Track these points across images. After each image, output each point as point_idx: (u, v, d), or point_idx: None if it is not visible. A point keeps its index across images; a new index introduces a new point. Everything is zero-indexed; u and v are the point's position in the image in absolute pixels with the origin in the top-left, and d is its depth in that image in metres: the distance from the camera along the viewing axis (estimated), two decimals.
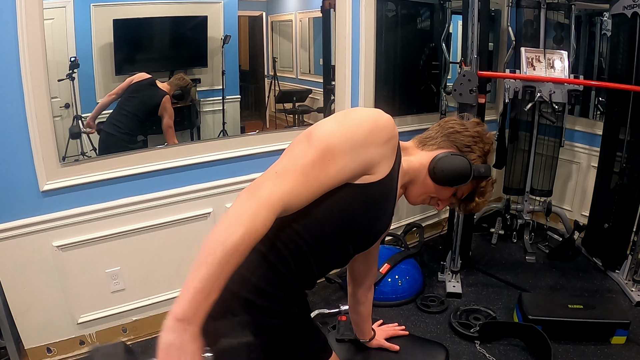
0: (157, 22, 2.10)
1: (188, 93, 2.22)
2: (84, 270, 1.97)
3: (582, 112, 3.13)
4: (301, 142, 0.87)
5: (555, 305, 2.17)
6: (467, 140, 1.07)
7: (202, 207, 2.18)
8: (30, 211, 1.79)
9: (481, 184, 1.09)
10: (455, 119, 1.11)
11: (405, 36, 2.85)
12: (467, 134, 1.07)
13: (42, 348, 1.97)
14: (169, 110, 2.15)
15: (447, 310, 2.36)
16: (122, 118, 2.04)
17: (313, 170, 0.83)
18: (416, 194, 1.09)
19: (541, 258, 2.92)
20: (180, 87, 2.17)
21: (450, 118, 1.12)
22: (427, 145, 1.08)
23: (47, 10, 1.66)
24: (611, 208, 2.63)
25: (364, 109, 0.96)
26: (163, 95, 2.13)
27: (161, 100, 2.12)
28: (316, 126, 0.89)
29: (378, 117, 0.91)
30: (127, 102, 2.04)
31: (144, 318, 2.17)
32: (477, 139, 1.08)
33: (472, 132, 1.08)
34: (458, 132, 1.07)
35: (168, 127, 2.16)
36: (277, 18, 2.46)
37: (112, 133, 2.02)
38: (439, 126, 1.10)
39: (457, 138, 1.07)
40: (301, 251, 0.91)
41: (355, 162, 0.87)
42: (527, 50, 2.62)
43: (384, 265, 2.46)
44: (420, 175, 1.05)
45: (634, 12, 2.31)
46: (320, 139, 0.84)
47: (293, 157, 0.84)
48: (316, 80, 2.63)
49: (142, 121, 2.14)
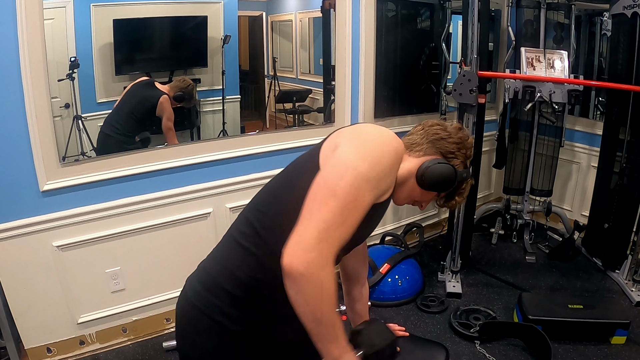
0: (157, 22, 2.10)
1: (190, 95, 2.21)
2: (84, 270, 1.97)
3: (582, 112, 3.13)
4: (331, 176, 0.90)
5: (555, 305, 2.17)
6: (452, 147, 1.10)
7: (202, 207, 2.18)
8: (30, 211, 1.79)
9: (462, 186, 1.14)
10: (438, 123, 1.14)
11: (405, 36, 2.85)
12: (451, 141, 1.11)
13: (42, 348, 1.97)
14: (167, 111, 2.14)
15: (447, 310, 2.36)
16: (120, 119, 2.04)
17: (350, 216, 0.89)
18: (402, 197, 1.13)
19: (541, 258, 2.93)
20: (181, 88, 2.16)
21: (433, 122, 1.15)
22: (413, 151, 1.11)
23: (47, 10, 1.66)
24: (611, 208, 2.62)
25: (383, 136, 1.00)
26: (160, 96, 2.12)
27: (158, 101, 2.12)
28: (343, 161, 0.91)
29: (397, 148, 1.00)
30: (125, 103, 2.04)
31: (144, 318, 2.17)
32: (460, 145, 1.11)
33: (455, 139, 1.11)
34: (443, 138, 1.10)
35: (167, 128, 2.16)
36: (277, 18, 2.46)
37: (109, 134, 2.02)
38: (423, 131, 1.13)
39: (442, 145, 1.10)
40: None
41: (376, 194, 0.95)
42: (527, 50, 2.62)
43: (384, 265, 2.46)
44: (409, 182, 1.09)
45: (634, 12, 2.31)
46: (352, 184, 0.89)
47: (329, 209, 0.87)
48: (316, 80, 2.63)
49: (140, 121, 2.13)
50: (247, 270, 1.00)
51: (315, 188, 0.90)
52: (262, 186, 1.12)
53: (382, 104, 2.70)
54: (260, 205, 1.05)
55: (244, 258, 1.01)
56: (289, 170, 1.07)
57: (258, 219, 1.01)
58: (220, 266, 1.05)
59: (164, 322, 2.23)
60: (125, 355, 2.09)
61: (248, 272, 1.00)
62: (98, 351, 2.10)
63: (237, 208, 2.25)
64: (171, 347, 2.09)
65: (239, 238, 1.03)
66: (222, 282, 1.02)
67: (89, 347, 2.08)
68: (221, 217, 2.23)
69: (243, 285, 1.00)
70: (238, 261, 1.01)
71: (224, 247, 1.09)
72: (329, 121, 2.51)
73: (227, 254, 1.06)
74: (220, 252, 1.09)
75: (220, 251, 1.09)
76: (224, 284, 1.01)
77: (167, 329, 2.24)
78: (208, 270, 1.08)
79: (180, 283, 1.14)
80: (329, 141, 1.00)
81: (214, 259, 1.09)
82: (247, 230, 1.02)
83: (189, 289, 1.09)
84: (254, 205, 1.07)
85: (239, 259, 1.01)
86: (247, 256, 1.00)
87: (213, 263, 1.08)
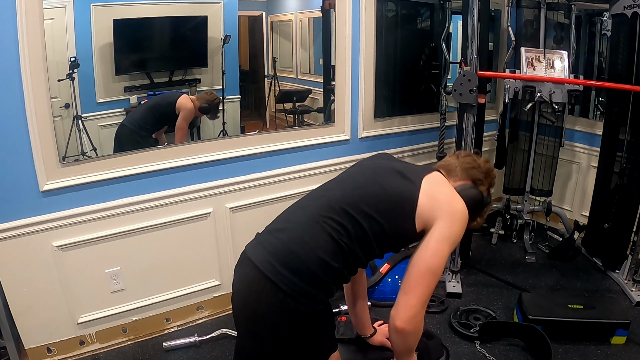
0: (157, 22, 2.10)
1: (216, 109, 2.25)
2: (84, 270, 1.97)
3: (582, 112, 3.13)
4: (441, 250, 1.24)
5: (555, 305, 2.17)
6: (480, 176, 1.39)
7: (202, 207, 2.18)
8: (30, 211, 1.79)
9: (484, 208, 1.40)
10: (469, 154, 1.44)
11: (405, 36, 2.85)
12: (481, 171, 1.40)
13: (42, 348, 1.97)
14: (185, 110, 2.16)
15: (447, 310, 2.36)
16: (139, 111, 2.09)
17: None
18: None
19: (541, 258, 2.92)
20: (208, 101, 2.22)
21: (465, 153, 1.47)
22: (450, 176, 1.39)
23: (47, 10, 1.66)
24: (611, 208, 2.62)
25: (466, 214, 1.27)
26: (182, 94, 2.18)
27: (179, 97, 2.17)
28: (440, 246, 1.22)
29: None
30: (151, 100, 2.11)
31: (144, 318, 2.17)
32: (487, 174, 1.41)
33: (483, 169, 1.41)
34: (474, 167, 1.39)
35: (180, 128, 2.17)
36: (277, 18, 2.46)
37: (126, 124, 2.06)
38: (457, 159, 1.42)
39: (473, 174, 1.38)
40: (363, 263, 1.28)
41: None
42: (527, 50, 2.62)
43: (384, 265, 2.46)
44: None
45: (634, 12, 2.31)
46: (444, 258, 1.24)
47: (428, 283, 1.23)
48: (316, 80, 2.63)
49: (157, 117, 2.15)
50: (340, 263, 1.19)
51: (418, 266, 1.21)
52: (262, 186, 1.15)
53: (382, 104, 2.70)
54: (362, 213, 1.21)
55: (337, 253, 1.18)
56: (388, 186, 1.27)
57: (359, 224, 1.20)
58: (314, 255, 1.17)
59: (164, 322, 2.23)
60: (125, 355, 2.09)
61: (340, 264, 1.19)
62: (98, 351, 2.10)
63: (237, 208, 2.25)
64: (171, 347, 2.10)
65: (334, 233, 1.18)
66: (316, 271, 1.16)
67: (89, 347, 2.08)
68: (221, 217, 2.23)
69: (335, 275, 1.20)
70: (332, 254, 1.17)
71: (313, 234, 1.19)
72: (329, 121, 2.51)
73: (320, 244, 1.18)
74: (310, 239, 1.19)
75: (310, 238, 1.19)
76: (319, 273, 1.17)
77: (167, 329, 2.24)
78: (298, 254, 1.17)
79: (180, 283, 1.15)
80: (428, 197, 1.24)
81: (302, 244, 1.19)
82: (344, 229, 1.19)
83: (263, 264, 1.17)
84: (354, 203, 1.22)
85: (333, 253, 1.17)
86: (342, 253, 1.19)
87: (303, 249, 1.18)
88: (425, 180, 1.27)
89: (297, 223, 1.24)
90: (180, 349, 2.10)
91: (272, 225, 1.31)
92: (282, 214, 1.34)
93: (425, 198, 1.23)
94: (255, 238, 1.30)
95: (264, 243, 1.23)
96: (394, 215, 1.22)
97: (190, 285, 2.24)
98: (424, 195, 1.23)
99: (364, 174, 1.34)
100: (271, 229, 1.28)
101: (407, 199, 1.23)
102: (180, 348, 2.11)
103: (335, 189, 1.30)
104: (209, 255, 2.26)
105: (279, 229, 1.26)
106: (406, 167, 1.35)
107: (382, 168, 1.35)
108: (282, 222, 1.29)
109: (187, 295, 2.24)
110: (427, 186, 1.25)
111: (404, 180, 1.28)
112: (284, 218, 1.31)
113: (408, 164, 1.43)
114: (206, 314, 2.33)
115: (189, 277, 2.23)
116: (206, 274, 2.28)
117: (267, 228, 1.30)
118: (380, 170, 1.34)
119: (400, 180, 1.28)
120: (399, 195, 1.24)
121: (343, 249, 1.18)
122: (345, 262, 1.20)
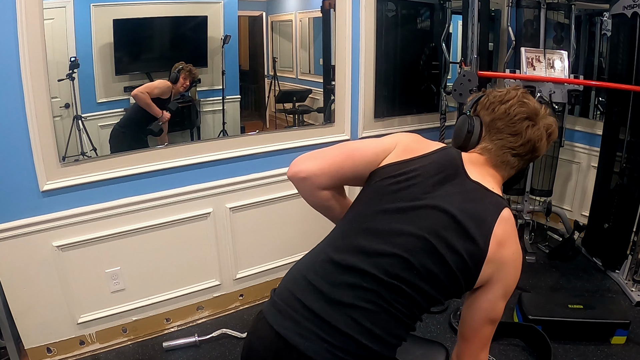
0: (157, 22, 2.10)
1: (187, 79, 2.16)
2: (84, 270, 1.97)
3: (582, 112, 3.13)
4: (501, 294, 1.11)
5: (555, 305, 2.17)
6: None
7: (202, 207, 2.18)
8: (30, 211, 1.79)
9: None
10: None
11: (405, 36, 2.85)
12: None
13: (42, 348, 1.97)
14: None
15: (447, 310, 2.36)
16: (127, 112, 2.07)
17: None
18: None
19: (541, 258, 2.92)
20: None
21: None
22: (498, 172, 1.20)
23: (47, 10, 1.66)
24: (611, 208, 2.62)
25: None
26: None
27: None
28: (500, 301, 1.10)
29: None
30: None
31: (144, 318, 2.17)
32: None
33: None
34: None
35: (138, 92, 2.05)
36: (277, 18, 2.46)
37: (116, 127, 2.04)
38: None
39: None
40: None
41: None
42: (527, 50, 2.62)
43: None
44: None
45: (634, 12, 2.31)
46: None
47: (490, 331, 1.14)
48: (316, 80, 2.63)
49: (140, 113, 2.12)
50: (401, 333, 1.05)
51: (482, 320, 1.10)
52: (262, 186, 1.11)
53: (382, 104, 2.70)
54: (416, 288, 1.00)
55: (399, 324, 1.02)
56: (450, 258, 0.99)
57: (419, 289, 1.00)
58: (371, 335, 0.98)
59: (164, 322, 2.23)
60: (125, 355, 2.09)
61: (400, 333, 1.05)
62: (98, 351, 2.10)
63: (237, 208, 2.25)
64: (171, 347, 2.10)
65: (395, 304, 0.99)
66: (375, 349, 0.99)
67: (89, 347, 2.08)
68: (221, 217, 2.23)
69: (394, 343, 1.05)
70: (393, 328, 1.02)
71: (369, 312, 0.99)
72: (329, 121, 2.51)
73: (377, 322, 0.99)
74: (366, 318, 0.98)
75: (365, 316, 0.98)
76: (377, 349, 0.99)
77: (167, 329, 2.24)
78: (350, 334, 0.97)
79: (180, 283, 1.14)
80: (494, 263, 1.02)
81: (356, 327, 0.97)
82: (404, 297, 0.99)
83: (313, 345, 0.96)
84: (406, 278, 0.99)
85: (394, 325, 1.02)
86: (401, 323, 1.03)
87: (356, 330, 0.97)
88: (495, 235, 1.00)
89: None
90: (180, 349, 2.11)
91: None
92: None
93: (490, 268, 1.01)
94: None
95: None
96: (450, 292, 1.05)
97: (190, 285, 2.24)
98: (489, 263, 1.00)
99: (417, 225, 1.00)
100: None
101: (468, 279, 1.02)
102: (180, 348, 2.11)
103: (383, 251, 1.00)
104: (208, 255, 2.26)
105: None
106: (465, 208, 1.01)
107: (436, 217, 1.01)
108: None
109: (187, 295, 2.24)
110: (495, 248, 1.00)
111: (466, 242, 0.99)
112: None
113: (466, 191, 1.04)
114: (206, 314, 2.34)
115: (189, 277, 2.23)
116: (206, 274, 2.28)
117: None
118: (435, 220, 1.00)
119: (463, 243, 0.99)
120: (461, 272, 1.00)
121: (404, 320, 1.03)
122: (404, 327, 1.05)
